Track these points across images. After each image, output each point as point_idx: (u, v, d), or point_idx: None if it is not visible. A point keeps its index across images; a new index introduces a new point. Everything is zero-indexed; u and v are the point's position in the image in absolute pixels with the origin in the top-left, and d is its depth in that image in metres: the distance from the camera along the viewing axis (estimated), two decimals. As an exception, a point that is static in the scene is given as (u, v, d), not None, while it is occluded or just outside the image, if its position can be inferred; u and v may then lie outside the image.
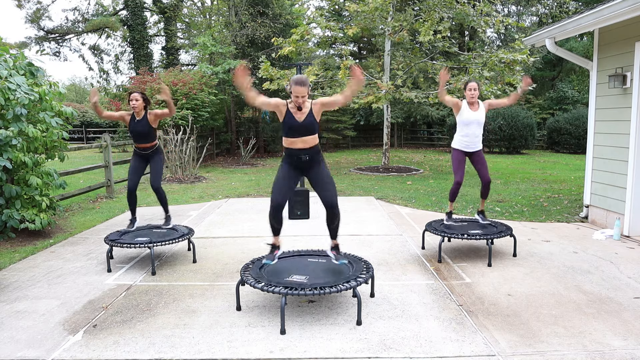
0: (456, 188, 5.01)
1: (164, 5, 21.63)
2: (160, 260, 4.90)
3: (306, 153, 3.61)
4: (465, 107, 4.90)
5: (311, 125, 3.56)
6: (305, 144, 3.58)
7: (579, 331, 3.19)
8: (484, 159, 4.99)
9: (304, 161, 3.63)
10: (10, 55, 5.83)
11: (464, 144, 4.95)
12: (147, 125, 4.80)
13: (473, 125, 4.86)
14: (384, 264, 4.67)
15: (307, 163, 3.64)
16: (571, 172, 12.37)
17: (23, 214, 5.56)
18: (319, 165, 3.69)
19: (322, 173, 3.67)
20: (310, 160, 3.64)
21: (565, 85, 22.06)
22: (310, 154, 3.63)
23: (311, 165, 3.66)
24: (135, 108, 4.75)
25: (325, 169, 3.72)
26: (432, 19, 11.13)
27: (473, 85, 4.86)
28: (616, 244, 5.36)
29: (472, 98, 4.85)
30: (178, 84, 13.97)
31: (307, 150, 3.60)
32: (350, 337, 3.12)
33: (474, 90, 4.84)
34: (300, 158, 3.61)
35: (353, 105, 12.14)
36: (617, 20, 5.21)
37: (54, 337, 3.19)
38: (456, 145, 5.02)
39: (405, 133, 24.20)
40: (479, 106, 4.92)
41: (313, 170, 3.68)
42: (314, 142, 3.63)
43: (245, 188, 9.97)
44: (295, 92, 3.47)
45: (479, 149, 4.97)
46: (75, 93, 46.28)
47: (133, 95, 4.76)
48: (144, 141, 4.86)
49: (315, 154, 3.65)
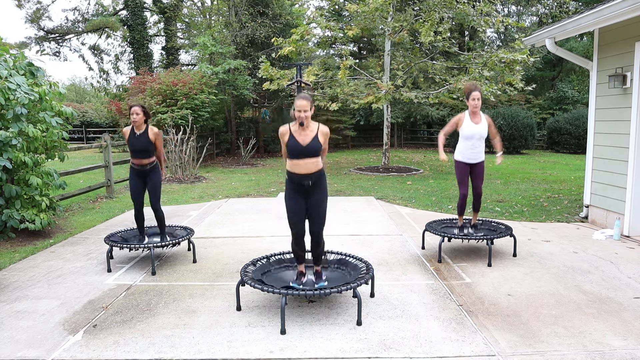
0: (462, 201, 4.91)
1: (164, 5, 21.64)
2: (160, 260, 4.89)
3: (309, 178, 3.47)
4: (467, 120, 4.77)
5: (315, 148, 3.43)
6: (308, 168, 3.44)
7: (579, 331, 3.19)
8: (483, 171, 4.92)
9: (307, 186, 3.49)
10: (10, 55, 5.83)
11: (467, 156, 4.84)
12: (146, 140, 4.64)
13: (475, 138, 4.76)
14: (384, 264, 4.67)
15: (309, 188, 3.51)
16: (571, 172, 12.37)
17: (23, 214, 5.56)
18: (320, 190, 3.54)
19: (319, 199, 3.54)
20: (313, 185, 3.50)
21: (565, 85, 22.06)
22: (313, 179, 3.48)
23: (313, 190, 3.52)
24: (136, 122, 4.59)
25: (324, 196, 3.58)
26: (432, 19, 11.13)
27: (476, 95, 4.72)
28: (616, 244, 5.36)
29: (476, 108, 4.74)
30: (178, 84, 13.97)
31: (309, 175, 3.46)
32: (350, 337, 3.12)
33: (477, 100, 4.71)
34: (303, 184, 3.48)
35: (353, 105, 12.15)
36: (617, 20, 5.21)
37: (54, 337, 3.19)
38: (459, 157, 4.90)
39: (405, 133, 24.20)
40: (482, 119, 4.79)
41: (314, 196, 3.53)
42: (318, 166, 3.49)
43: (245, 188, 9.97)
44: (298, 106, 3.37)
45: (481, 160, 4.88)
46: (75, 93, 46.28)
47: (134, 108, 4.59)
48: (143, 156, 4.66)
49: (318, 179, 3.51)
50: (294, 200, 3.54)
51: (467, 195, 4.88)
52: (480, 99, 4.75)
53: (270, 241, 5.57)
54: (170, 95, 13.92)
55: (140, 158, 4.67)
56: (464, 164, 4.88)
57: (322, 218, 3.58)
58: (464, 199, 4.90)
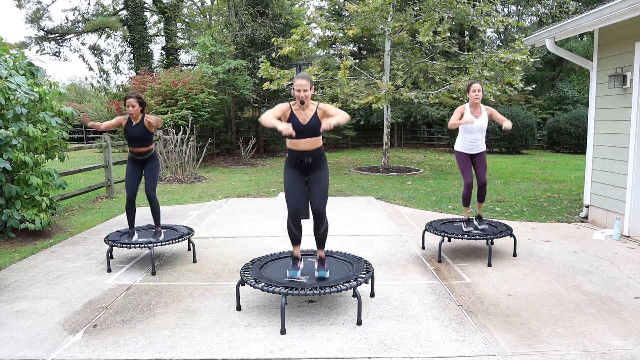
0: (467, 191, 4.91)
1: (164, 5, 21.63)
2: (160, 260, 4.90)
3: (309, 155, 3.54)
4: (467, 112, 4.79)
5: (315, 127, 3.49)
6: (309, 146, 3.51)
7: (579, 331, 3.19)
8: (485, 160, 4.95)
9: (307, 163, 3.56)
10: (10, 55, 5.83)
11: (467, 147, 4.89)
12: (143, 128, 4.67)
13: (475, 131, 4.80)
14: (384, 264, 4.67)
15: (309, 165, 3.58)
16: (571, 172, 12.37)
17: (23, 214, 5.56)
18: (320, 168, 3.61)
19: (320, 176, 3.59)
20: (314, 162, 3.58)
21: (565, 85, 22.06)
22: (314, 157, 3.56)
23: (314, 167, 3.60)
24: (132, 113, 4.62)
25: (325, 173, 3.63)
26: (432, 19, 11.14)
27: (477, 87, 4.78)
28: (616, 244, 5.36)
29: (477, 99, 4.78)
30: (178, 84, 13.97)
31: (310, 152, 3.54)
32: (350, 337, 3.12)
33: (478, 91, 4.76)
34: (303, 160, 3.54)
35: (353, 105, 12.15)
36: (617, 20, 5.21)
37: (54, 337, 3.19)
38: (459, 148, 4.95)
39: (405, 133, 24.20)
40: (482, 111, 4.82)
41: (314, 172, 3.61)
42: (318, 144, 3.56)
43: (245, 188, 9.98)
44: (297, 85, 3.42)
45: (482, 150, 4.91)
46: (75, 93, 46.27)
47: (129, 100, 4.61)
48: (141, 145, 4.70)
49: (318, 157, 3.59)
50: (293, 174, 3.57)
51: (471, 185, 4.89)
52: (480, 90, 4.78)
53: (270, 241, 5.57)
54: (170, 95, 13.92)
55: (138, 147, 4.70)
56: (464, 154, 4.92)
57: (324, 194, 3.55)
58: (468, 189, 4.91)
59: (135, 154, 4.74)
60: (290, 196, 3.55)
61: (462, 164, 4.94)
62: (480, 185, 4.94)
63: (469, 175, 4.88)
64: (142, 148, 4.72)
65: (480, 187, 4.95)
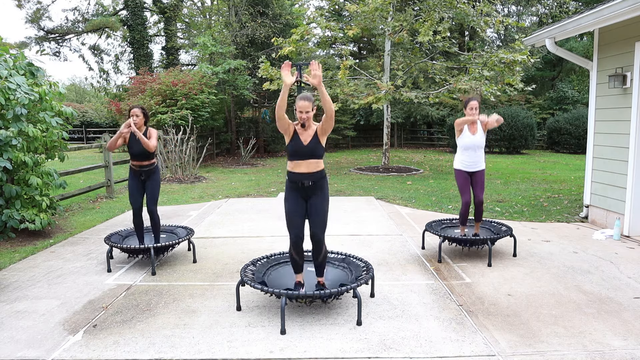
0: (465, 209, 4.86)
1: (164, 5, 21.64)
2: (160, 260, 4.90)
3: (310, 178, 3.42)
4: (465, 130, 4.77)
5: (316, 148, 3.40)
6: (310, 168, 3.41)
7: (579, 331, 3.19)
8: (483, 180, 4.87)
9: (307, 186, 3.44)
10: (10, 55, 5.83)
11: (466, 164, 4.83)
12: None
13: (472, 149, 4.76)
14: (384, 264, 4.67)
15: (310, 188, 3.46)
16: (571, 172, 12.37)
17: (23, 214, 5.56)
18: (321, 193, 3.49)
19: (320, 203, 3.48)
20: (314, 185, 3.46)
21: (565, 85, 22.06)
22: (314, 180, 3.44)
23: (314, 191, 3.47)
24: (136, 124, 4.59)
25: (326, 200, 3.52)
26: (432, 19, 11.14)
27: (474, 104, 4.69)
28: (616, 244, 5.36)
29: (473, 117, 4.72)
30: (178, 84, 13.97)
31: (311, 175, 3.42)
32: (351, 337, 3.12)
33: (475, 109, 4.68)
34: (303, 184, 3.43)
35: (353, 105, 12.15)
36: (617, 20, 5.21)
37: (54, 337, 3.19)
38: (458, 166, 4.89)
39: (405, 133, 24.20)
40: (478, 128, 4.78)
41: (314, 197, 3.48)
42: (319, 166, 3.45)
43: (245, 188, 9.98)
44: (299, 107, 3.35)
45: (481, 168, 4.84)
46: (75, 93, 46.28)
47: (134, 110, 4.59)
48: (143, 159, 4.64)
49: (319, 180, 3.47)
50: (294, 200, 3.49)
51: (469, 203, 4.84)
52: (478, 108, 4.71)
53: (270, 241, 5.57)
54: (170, 95, 13.92)
55: (139, 160, 4.65)
56: (464, 172, 4.85)
57: (323, 220, 3.48)
58: (466, 207, 4.85)
59: (136, 167, 4.68)
60: (292, 224, 3.49)
61: (460, 182, 4.87)
62: (477, 203, 4.86)
63: (467, 194, 4.83)
64: (143, 162, 4.65)
65: (477, 205, 4.87)
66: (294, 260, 3.59)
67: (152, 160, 4.71)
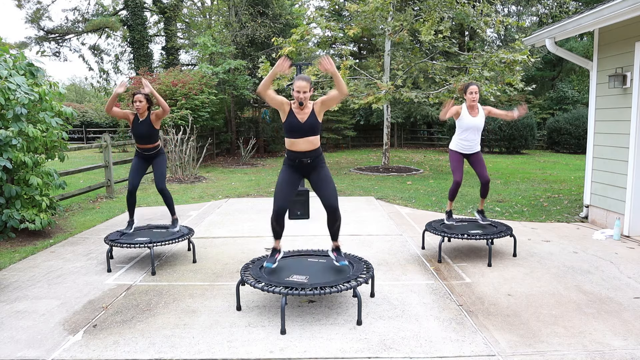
0: (455, 187, 5.00)
1: (164, 5, 21.63)
2: (160, 260, 4.90)
3: (308, 156, 3.57)
4: (465, 112, 4.87)
5: (313, 125, 3.52)
6: (307, 146, 3.54)
7: (579, 331, 3.19)
8: (482, 159, 4.99)
9: (306, 164, 3.59)
10: (10, 55, 5.83)
11: (462, 146, 4.95)
12: (149, 125, 4.76)
13: (471, 130, 4.86)
14: (384, 264, 4.67)
15: (308, 166, 3.60)
16: (571, 172, 12.37)
17: (23, 214, 5.56)
18: (320, 168, 3.65)
19: (323, 175, 3.64)
20: (312, 163, 3.60)
21: (565, 85, 22.06)
22: (312, 157, 3.58)
23: (313, 168, 3.63)
24: (139, 109, 4.72)
25: (326, 171, 3.69)
26: (433, 19, 11.13)
27: (474, 89, 4.83)
28: (616, 244, 5.36)
29: (473, 102, 4.83)
30: (178, 85, 13.97)
31: (308, 152, 3.56)
32: (350, 337, 3.12)
33: (475, 93, 4.81)
34: (302, 161, 3.57)
35: (353, 105, 12.16)
36: (617, 20, 5.21)
37: (54, 337, 3.19)
38: (454, 147, 5.02)
39: (405, 133, 24.20)
40: (479, 111, 4.89)
41: (314, 173, 3.64)
42: (316, 144, 3.58)
43: (245, 188, 9.98)
44: (297, 87, 3.46)
45: (476, 150, 4.97)
46: (75, 93, 46.27)
47: (137, 96, 4.71)
48: (147, 142, 4.82)
49: (317, 157, 3.61)
50: (288, 174, 3.62)
51: (460, 183, 4.96)
52: (477, 92, 4.83)
53: (270, 241, 5.55)
54: (170, 95, 13.92)
55: (144, 143, 4.82)
56: (458, 154, 4.98)
57: (334, 189, 3.61)
58: (457, 186, 4.98)
59: (142, 150, 4.86)
60: (279, 195, 3.60)
61: (454, 162, 4.99)
62: (483, 183, 4.99)
63: (459, 174, 4.95)
64: (148, 144, 4.84)
65: (484, 184, 5.00)
66: (274, 228, 3.69)
67: (157, 142, 4.88)
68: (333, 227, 3.72)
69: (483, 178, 4.97)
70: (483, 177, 4.96)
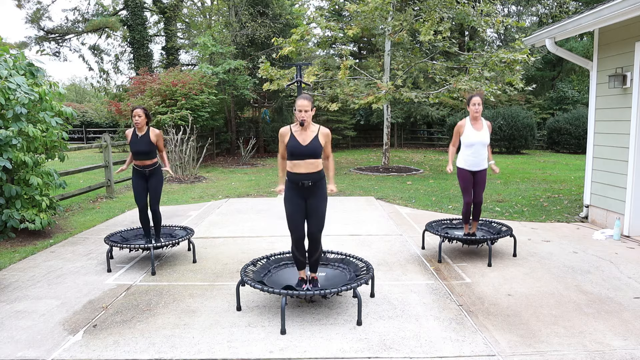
0: (467, 209, 4.86)
1: (164, 5, 21.63)
2: (160, 260, 4.89)
3: (309, 178, 3.46)
4: (469, 127, 4.73)
5: (315, 149, 3.44)
6: (308, 169, 3.45)
7: (579, 331, 3.19)
8: (484, 179, 4.85)
9: (307, 187, 3.49)
10: (10, 55, 5.83)
11: (469, 163, 4.78)
12: (148, 142, 4.69)
13: (477, 145, 4.71)
14: (384, 264, 4.67)
15: (309, 189, 3.50)
16: (571, 172, 12.37)
17: (23, 214, 5.56)
18: (320, 193, 3.54)
19: (318, 203, 3.53)
20: (313, 186, 3.50)
21: (565, 85, 22.07)
22: (313, 180, 3.48)
23: (313, 192, 3.51)
24: (138, 124, 4.66)
25: (324, 200, 3.57)
26: (432, 19, 11.13)
27: (477, 100, 4.67)
28: (616, 244, 5.36)
29: (477, 113, 4.69)
30: (178, 85, 13.97)
31: (310, 175, 3.46)
32: (351, 337, 3.12)
33: (478, 105, 4.66)
34: (303, 184, 3.47)
35: (353, 105, 12.16)
36: (617, 20, 5.21)
37: (54, 337, 3.19)
38: (461, 164, 4.85)
39: (405, 133, 24.20)
40: (483, 125, 4.75)
41: (312, 198, 3.52)
42: (318, 167, 3.49)
43: (245, 188, 9.98)
44: (299, 106, 3.39)
45: (484, 168, 4.81)
46: (75, 93, 46.28)
47: (136, 111, 4.66)
48: (145, 158, 4.71)
49: (318, 180, 3.51)
50: (294, 201, 3.53)
51: (471, 203, 4.84)
52: (481, 104, 4.70)
53: (270, 241, 5.57)
54: (170, 95, 13.92)
55: (142, 160, 4.73)
56: (467, 172, 4.81)
57: (321, 220, 3.54)
58: (468, 207, 4.84)
59: (139, 167, 4.75)
60: (293, 224, 3.54)
61: (463, 182, 4.83)
62: (475, 203, 4.86)
63: (469, 194, 4.82)
64: (146, 161, 4.73)
65: (476, 205, 4.87)
66: (296, 258, 3.64)
67: (154, 159, 4.80)
68: (312, 257, 3.64)
69: (477, 198, 4.83)
70: (477, 197, 4.83)
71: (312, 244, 3.59)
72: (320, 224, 3.54)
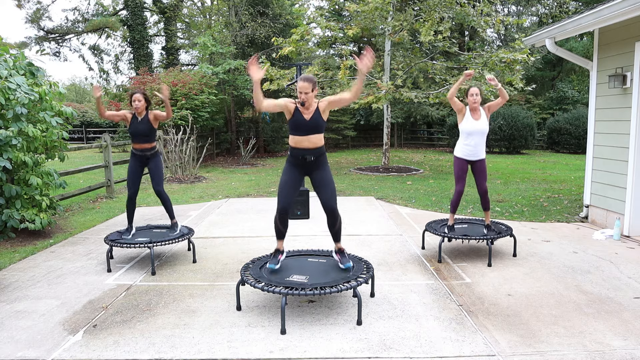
0: (458, 198, 4.89)
1: (164, 5, 21.63)
2: (160, 260, 4.90)
3: (312, 153, 3.60)
4: (468, 115, 4.76)
5: (318, 123, 3.56)
6: (311, 144, 3.58)
7: (579, 331, 3.19)
8: (485, 169, 4.85)
9: (309, 162, 3.63)
10: (10, 55, 5.83)
11: (467, 152, 4.80)
12: (148, 125, 4.76)
13: (475, 135, 4.73)
14: (384, 264, 4.67)
15: (311, 164, 3.64)
16: (571, 172, 12.37)
17: (23, 214, 5.56)
18: (323, 166, 3.69)
19: (324, 176, 3.67)
20: (315, 161, 3.64)
21: (565, 85, 22.07)
22: (316, 155, 3.62)
23: (316, 166, 3.66)
24: (138, 108, 4.72)
25: (328, 171, 3.72)
26: (433, 19, 11.13)
27: (475, 91, 4.72)
28: (616, 244, 5.36)
29: (475, 104, 4.72)
30: (178, 85, 13.97)
31: (312, 150, 3.60)
32: (351, 337, 3.12)
33: (476, 95, 4.70)
34: (306, 158, 3.61)
35: (353, 105, 12.16)
36: (617, 20, 5.21)
37: (54, 337, 3.19)
38: (459, 153, 4.87)
39: (405, 133, 24.20)
40: (481, 114, 4.77)
41: (316, 172, 3.67)
42: (320, 142, 3.63)
43: (245, 188, 9.97)
44: (300, 88, 3.50)
45: (481, 157, 4.82)
46: (75, 93, 46.29)
47: (135, 95, 4.72)
48: (145, 141, 4.80)
49: (320, 155, 3.65)
50: (291, 173, 3.66)
51: (462, 192, 4.89)
52: (478, 94, 4.74)
53: (270, 241, 5.56)
54: (170, 95, 13.92)
55: (141, 143, 4.78)
56: (463, 161, 4.86)
57: (333, 191, 3.65)
58: (459, 195, 4.90)
59: (138, 151, 4.82)
60: (282, 194, 3.63)
61: (458, 171, 4.87)
62: (481, 193, 4.86)
63: (462, 183, 4.86)
64: (145, 144, 4.81)
65: (482, 195, 4.87)
66: (277, 227, 3.73)
67: (153, 142, 4.85)
68: (334, 227, 3.74)
69: (480, 188, 4.84)
70: (481, 187, 4.84)
71: (330, 216, 3.67)
72: (333, 195, 3.64)
